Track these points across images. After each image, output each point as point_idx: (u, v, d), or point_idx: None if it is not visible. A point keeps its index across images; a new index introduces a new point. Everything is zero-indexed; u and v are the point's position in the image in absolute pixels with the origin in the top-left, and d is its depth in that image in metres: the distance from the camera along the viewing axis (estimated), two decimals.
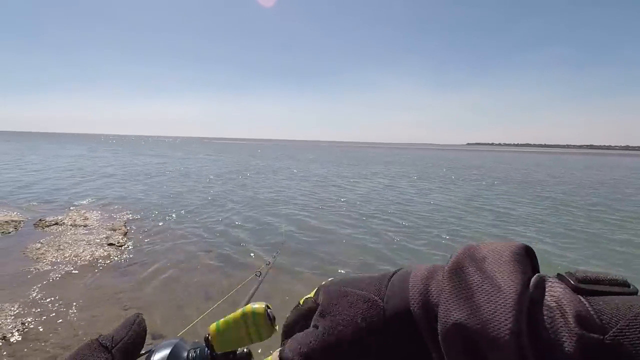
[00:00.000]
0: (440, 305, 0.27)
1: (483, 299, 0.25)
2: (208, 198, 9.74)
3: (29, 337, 2.95)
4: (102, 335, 0.34)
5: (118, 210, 7.64)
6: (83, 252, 4.91)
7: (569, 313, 0.23)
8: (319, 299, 0.35)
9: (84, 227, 6.15)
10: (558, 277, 0.27)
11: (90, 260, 4.64)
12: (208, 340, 0.38)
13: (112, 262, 4.66)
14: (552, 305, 0.24)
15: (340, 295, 0.33)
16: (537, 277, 0.26)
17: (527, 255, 0.27)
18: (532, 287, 0.25)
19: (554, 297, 0.24)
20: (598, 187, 15.53)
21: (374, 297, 0.31)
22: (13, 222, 6.18)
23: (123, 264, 4.62)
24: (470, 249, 0.29)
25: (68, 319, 3.25)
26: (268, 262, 2.20)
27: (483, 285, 0.25)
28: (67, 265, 4.45)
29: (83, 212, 7.26)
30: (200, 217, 7.45)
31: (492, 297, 0.24)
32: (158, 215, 7.35)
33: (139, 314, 0.38)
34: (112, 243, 5.30)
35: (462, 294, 0.26)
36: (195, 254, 5.16)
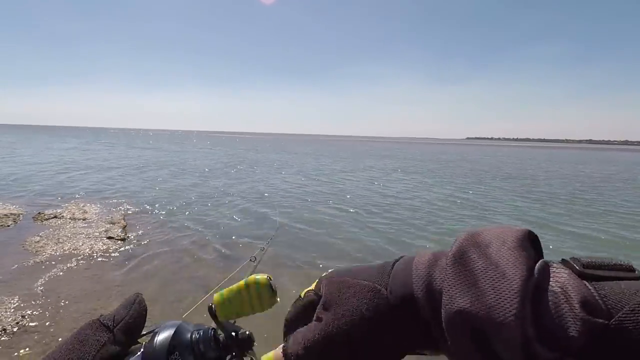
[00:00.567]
0: (444, 292, 0.27)
1: (487, 285, 0.25)
2: (205, 191, 9.74)
3: (29, 329, 2.97)
4: (103, 315, 0.34)
5: (117, 204, 7.63)
6: (82, 245, 4.92)
7: (574, 298, 0.23)
8: (321, 291, 0.34)
9: (83, 220, 6.15)
10: (562, 262, 0.26)
11: (90, 254, 4.65)
12: (212, 309, 0.39)
13: (111, 255, 4.67)
14: (557, 291, 0.23)
15: (343, 286, 0.33)
16: (541, 262, 0.26)
17: (530, 241, 0.27)
18: (536, 272, 0.25)
19: (559, 282, 0.24)
20: (580, 180, 15.70)
21: (377, 286, 0.31)
22: (12, 215, 6.17)
23: (122, 257, 4.63)
24: (474, 235, 0.29)
25: (67, 312, 3.26)
26: (262, 247, 2.23)
27: (487, 271, 0.25)
28: (66, 259, 4.45)
29: (82, 205, 7.25)
30: (197, 210, 7.46)
31: (496, 283, 0.24)
32: (156, 209, 7.35)
33: (139, 294, 0.38)
34: (111, 236, 5.30)
35: (466, 280, 0.26)
36: (194, 247, 5.17)
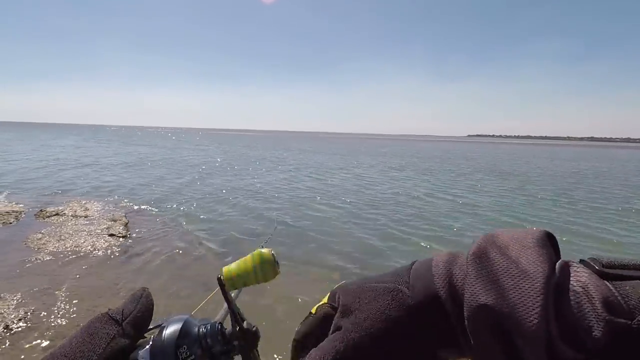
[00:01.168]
0: (466, 289, 0.26)
1: (510, 284, 0.24)
2: (204, 189, 9.76)
3: (31, 326, 2.98)
4: (111, 309, 0.34)
5: (118, 201, 7.65)
6: (84, 242, 4.93)
7: (596, 298, 0.23)
8: (336, 302, 0.33)
9: (85, 217, 6.16)
10: (581, 262, 0.27)
11: (91, 251, 4.66)
12: (220, 280, 0.41)
13: (113, 252, 4.68)
14: (578, 290, 0.23)
15: (362, 291, 0.32)
16: (561, 262, 0.26)
17: (549, 241, 0.27)
18: (557, 271, 0.25)
19: (580, 282, 0.24)
20: (569, 177, 15.82)
21: (398, 286, 0.31)
22: (14, 212, 6.19)
23: (124, 255, 4.64)
24: (492, 236, 0.29)
25: (69, 309, 3.28)
26: (261, 245, 2.24)
27: (509, 270, 0.25)
28: (68, 256, 4.46)
29: (84, 202, 7.26)
30: (197, 207, 7.48)
31: (518, 281, 0.24)
32: (157, 206, 7.36)
33: (146, 288, 0.38)
34: (112, 233, 5.31)
35: (487, 278, 0.26)
36: (194, 244, 5.19)
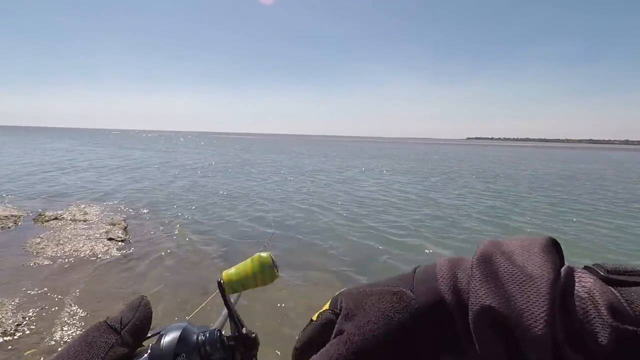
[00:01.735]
0: (471, 292, 0.26)
1: (515, 288, 0.24)
2: (203, 192, 9.77)
3: (30, 331, 2.96)
4: (109, 318, 0.34)
5: (117, 206, 7.64)
6: (83, 246, 4.91)
7: (601, 304, 0.23)
8: (339, 308, 0.33)
9: (84, 221, 6.15)
10: (585, 268, 0.27)
11: (90, 255, 4.64)
12: (220, 284, 0.42)
13: (112, 256, 4.66)
14: (583, 296, 0.23)
15: (365, 295, 0.32)
16: (566, 267, 0.26)
17: (554, 247, 0.27)
18: (562, 277, 0.25)
19: (585, 287, 0.24)
20: (548, 178, 15.89)
21: (402, 289, 0.30)
22: (13, 216, 6.17)
23: (123, 259, 4.62)
24: (497, 243, 0.29)
25: (68, 314, 3.26)
26: (264, 247, 2.24)
27: (514, 274, 0.25)
28: (67, 260, 4.45)
29: (82, 206, 7.25)
30: (195, 211, 7.47)
31: (524, 286, 0.24)
32: (156, 210, 7.35)
33: (144, 296, 0.38)
34: (112, 238, 5.30)
35: (493, 282, 0.26)
36: (193, 248, 5.17)
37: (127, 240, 5.31)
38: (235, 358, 0.39)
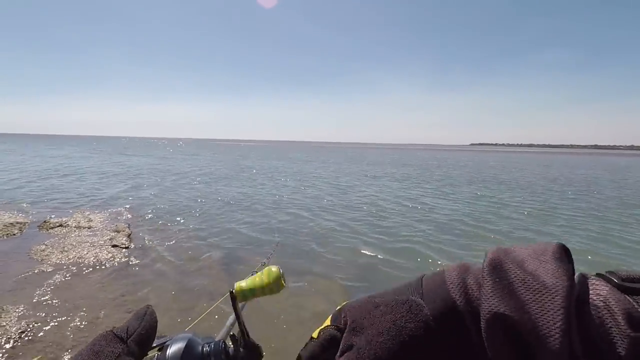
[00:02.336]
0: (483, 299, 0.26)
1: (529, 296, 0.24)
2: (205, 199, 9.77)
3: (33, 338, 2.95)
4: (116, 327, 0.35)
5: (121, 212, 7.66)
6: (87, 253, 4.92)
7: (618, 313, 0.22)
8: (342, 323, 0.31)
9: (88, 228, 6.17)
10: (598, 276, 0.26)
11: (94, 262, 4.65)
12: (232, 293, 0.43)
13: (116, 263, 4.66)
14: (599, 305, 0.23)
15: (372, 306, 0.30)
16: (580, 275, 0.25)
17: (565, 254, 0.27)
18: (577, 285, 0.24)
19: (601, 296, 0.23)
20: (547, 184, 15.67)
21: (412, 297, 0.29)
22: (18, 223, 6.21)
23: (127, 266, 4.62)
24: (507, 250, 0.28)
25: (72, 321, 3.25)
26: (264, 262, 2.23)
27: (527, 282, 0.25)
28: (71, 267, 4.45)
29: (87, 213, 7.28)
30: (199, 218, 7.47)
31: (538, 294, 0.24)
32: (159, 217, 7.36)
33: (149, 306, 0.38)
34: (116, 244, 5.31)
35: (505, 289, 0.25)
36: (197, 256, 5.16)
37: (131, 248, 5.32)
38: None
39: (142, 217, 7.35)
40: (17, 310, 3.35)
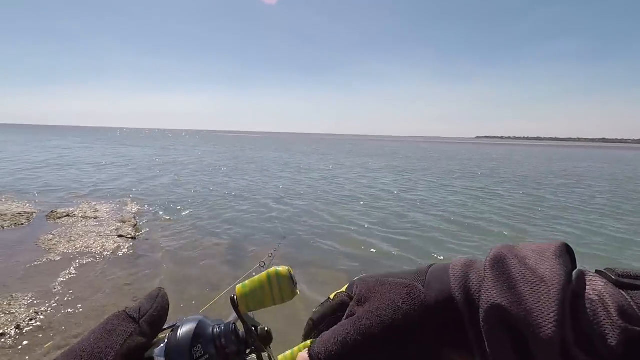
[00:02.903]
0: (483, 291, 0.27)
1: (526, 289, 0.25)
2: (210, 190, 9.84)
3: (42, 326, 3.03)
4: (128, 307, 0.35)
5: (127, 203, 7.74)
6: (94, 243, 5.00)
7: (611, 306, 0.23)
8: (354, 293, 0.35)
9: (95, 219, 6.25)
10: (597, 272, 0.27)
11: (101, 252, 4.72)
12: (234, 300, 0.40)
13: (122, 253, 4.74)
14: (594, 299, 0.24)
15: (379, 284, 0.34)
16: (577, 270, 0.26)
17: (567, 252, 0.28)
18: (573, 280, 0.26)
19: (596, 290, 0.24)
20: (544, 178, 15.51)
21: (414, 282, 0.32)
22: (26, 213, 6.31)
23: (133, 256, 4.69)
24: (511, 247, 0.30)
25: (79, 309, 3.32)
26: (271, 253, 2.24)
27: (526, 276, 0.26)
28: (78, 257, 4.53)
29: (93, 204, 7.37)
30: (204, 208, 7.54)
31: (535, 287, 0.25)
32: (165, 208, 7.44)
33: (161, 288, 0.39)
34: (122, 235, 5.38)
35: (504, 283, 0.27)
36: (202, 246, 5.22)
37: (137, 237, 5.39)
38: (250, 350, 0.39)
39: (147, 207, 7.43)
40: (25, 298, 3.43)
